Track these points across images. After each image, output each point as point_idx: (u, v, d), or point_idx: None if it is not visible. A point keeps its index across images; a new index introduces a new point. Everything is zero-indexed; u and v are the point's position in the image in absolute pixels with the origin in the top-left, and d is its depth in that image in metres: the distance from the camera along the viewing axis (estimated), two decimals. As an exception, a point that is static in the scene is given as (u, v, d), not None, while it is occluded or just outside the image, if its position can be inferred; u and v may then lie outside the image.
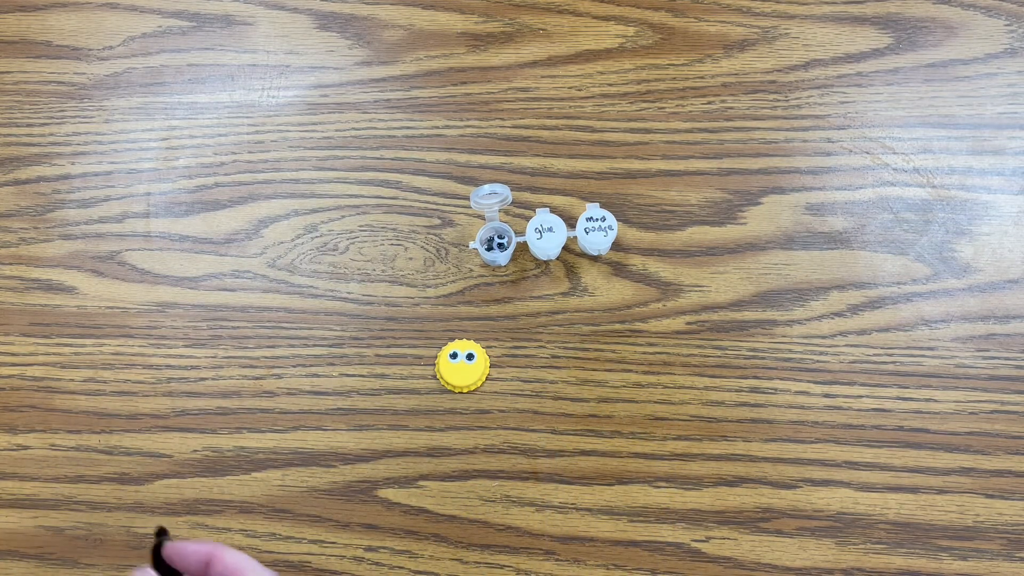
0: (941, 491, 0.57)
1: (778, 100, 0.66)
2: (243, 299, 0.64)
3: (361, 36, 0.70)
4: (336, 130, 0.68)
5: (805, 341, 0.60)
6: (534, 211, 0.62)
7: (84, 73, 0.70)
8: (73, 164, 0.68)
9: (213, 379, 0.62)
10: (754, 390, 0.60)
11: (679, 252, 0.63)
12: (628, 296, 0.62)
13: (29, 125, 0.69)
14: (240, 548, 0.57)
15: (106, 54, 0.71)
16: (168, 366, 0.62)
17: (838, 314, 0.61)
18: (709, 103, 0.67)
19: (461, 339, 0.61)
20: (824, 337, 0.60)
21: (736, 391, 0.60)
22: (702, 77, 0.67)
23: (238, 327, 0.63)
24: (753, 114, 0.66)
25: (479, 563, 0.57)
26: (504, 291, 0.63)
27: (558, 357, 0.61)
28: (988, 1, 0.68)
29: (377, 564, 0.57)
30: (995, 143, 0.65)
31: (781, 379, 0.60)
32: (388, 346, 0.62)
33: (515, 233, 0.62)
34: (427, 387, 0.61)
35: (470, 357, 0.60)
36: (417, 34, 0.70)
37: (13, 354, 0.63)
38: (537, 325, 0.62)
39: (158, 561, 0.41)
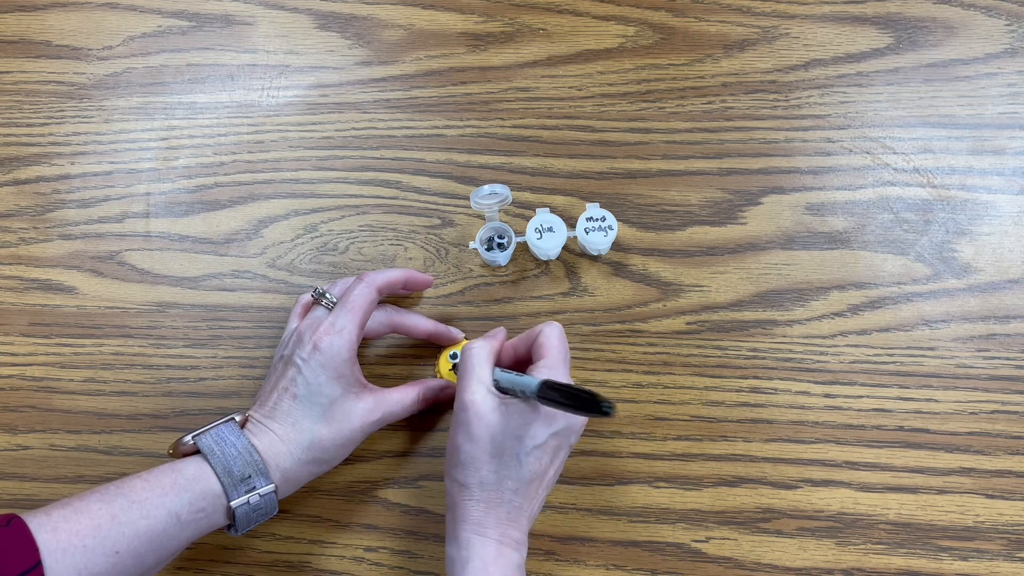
0: (941, 491, 0.57)
1: (778, 100, 0.66)
2: (243, 299, 0.64)
3: (361, 36, 0.70)
4: (336, 130, 0.67)
5: (805, 341, 0.60)
6: (534, 211, 0.62)
7: (84, 73, 0.70)
8: (73, 164, 0.68)
9: (213, 379, 0.62)
10: (754, 390, 0.60)
11: (679, 252, 0.63)
12: (628, 296, 0.62)
13: (29, 125, 0.69)
14: (239, 548, 0.58)
15: (106, 54, 0.71)
16: (168, 366, 0.62)
17: (838, 314, 0.61)
18: (709, 103, 0.67)
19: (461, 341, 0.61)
20: (824, 337, 0.60)
21: (736, 391, 0.60)
22: (702, 77, 0.67)
23: (238, 327, 0.63)
24: (753, 114, 0.66)
25: (479, 563, 0.57)
26: (504, 291, 0.63)
27: (558, 357, 0.61)
28: (988, 1, 0.68)
29: (377, 564, 0.57)
30: (995, 143, 0.65)
31: (781, 379, 0.60)
32: (388, 346, 0.62)
33: (515, 233, 0.62)
34: (427, 387, 0.60)
35: (470, 357, 0.60)
36: (417, 34, 0.70)
37: (13, 354, 0.63)
38: (537, 325, 0.62)
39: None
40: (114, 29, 0.71)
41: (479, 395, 0.49)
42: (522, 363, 0.54)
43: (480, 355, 0.51)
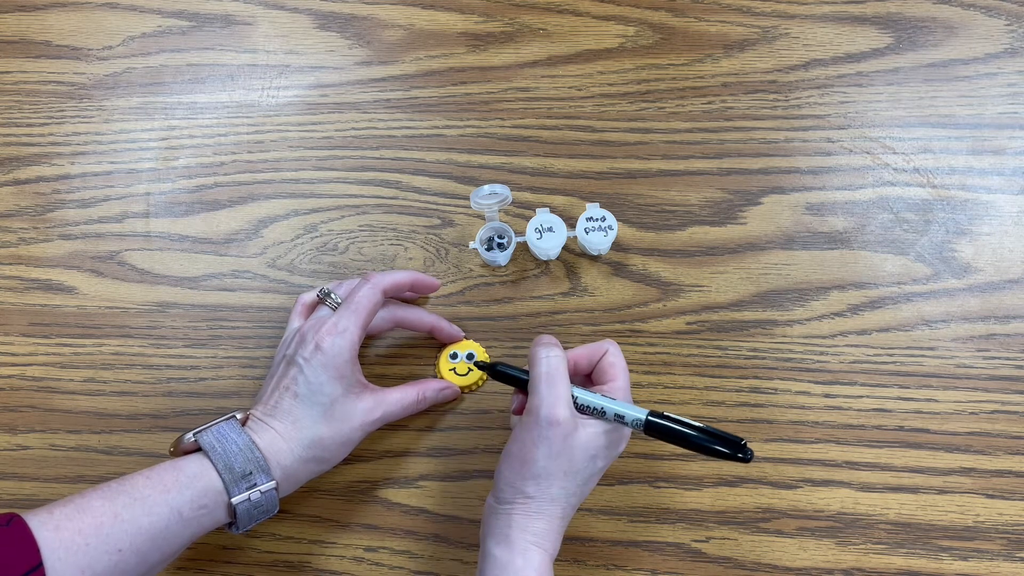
0: (941, 491, 0.57)
1: (778, 100, 0.66)
2: (243, 299, 0.64)
3: (361, 36, 0.70)
4: (336, 130, 0.68)
5: (805, 341, 0.60)
6: (534, 211, 0.62)
7: (84, 73, 0.70)
8: (73, 164, 0.68)
9: (213, 379, 0.62)
10: (754, 390, 0.60)
11: (679, 252, 0.63)
12: (628, 296, 0.62)
13: (29, 125, 0.69)
14: (239, 548, 0.58)
15: (106, 54, 0.71)
16: (168, 366, 0.62)
17: (838, 314, 0.61)
18: (709, 103, 0.67)
19: (461, 339, 0.61)
20: (824, 337, 0.60)
21: (736, 391, 0.60)
22: (702, 77, 0.67)
23: (238, 327, 0.63)
24: (753, 114, 0.66)
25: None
26: (504, 291, 0.63)
27: (558, 357, 0.61)
28: (988, 1, 0.68)
29: (377, 564, 0.57)
30: (995, 143, 0.65)
31: (781, 379, 0.60)
32: (388, 346, 0.62)
33: (515, 233, 0.62)
34: (427, 387, 0.60)
35: (470, 357, 0.60)
36: (417, 34, 0.70)
37: (13, 354, 0.63)
38: (537, 325, 0.62)
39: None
40: (114, 29, 0.71)
41: (566, 414, 0.48)
42: (580, 377, 0.54)
43: (561, 368, 0.50)
